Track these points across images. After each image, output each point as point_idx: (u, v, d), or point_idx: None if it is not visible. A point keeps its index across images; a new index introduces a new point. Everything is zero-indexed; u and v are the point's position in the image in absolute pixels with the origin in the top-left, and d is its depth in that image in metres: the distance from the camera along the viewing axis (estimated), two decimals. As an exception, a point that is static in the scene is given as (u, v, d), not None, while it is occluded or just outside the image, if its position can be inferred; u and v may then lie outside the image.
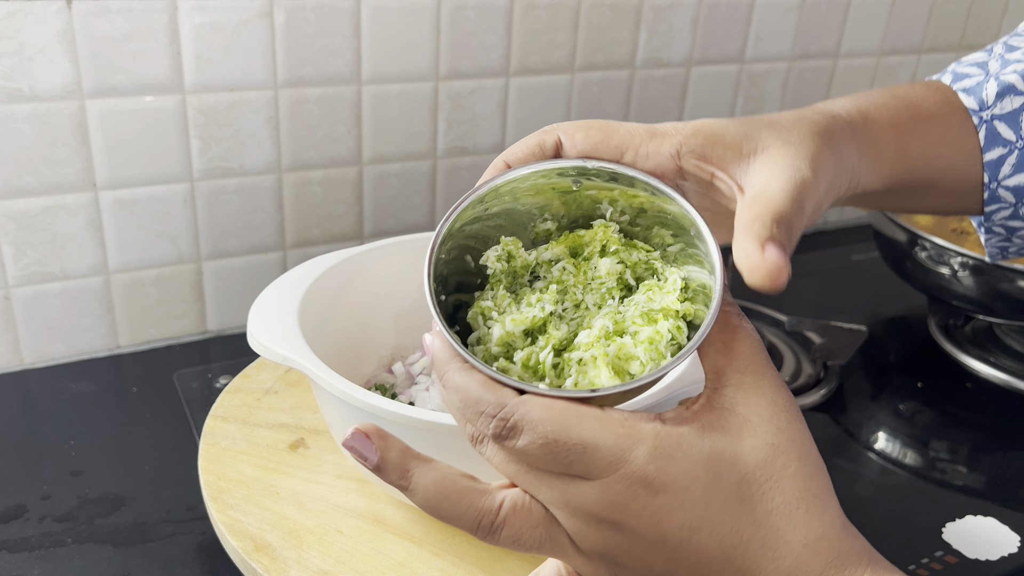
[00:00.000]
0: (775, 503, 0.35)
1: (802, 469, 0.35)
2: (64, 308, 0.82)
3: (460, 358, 0.37)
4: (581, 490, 0.35)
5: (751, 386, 0.36)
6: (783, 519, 0.35)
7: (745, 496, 0.35)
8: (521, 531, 0.36)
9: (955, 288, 0.87)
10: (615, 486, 0.34)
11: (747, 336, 0.37)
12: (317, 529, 0.58)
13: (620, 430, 0.34)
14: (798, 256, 1.19)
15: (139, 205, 0.81)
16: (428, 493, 0.37)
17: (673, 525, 0.34)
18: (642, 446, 0.34)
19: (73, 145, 0.77)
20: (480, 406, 0.36)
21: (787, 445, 0.35)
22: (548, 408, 0.34)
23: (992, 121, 0.47)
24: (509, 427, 0.35)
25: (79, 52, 0.74)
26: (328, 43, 0.83)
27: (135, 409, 0.77)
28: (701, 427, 0.35)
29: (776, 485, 0.35)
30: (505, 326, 0.39)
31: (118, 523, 0.63)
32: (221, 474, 0.62)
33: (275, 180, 0.87)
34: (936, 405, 0.85)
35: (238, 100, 0.82)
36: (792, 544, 0.35)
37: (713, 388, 0.36)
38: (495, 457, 0.37)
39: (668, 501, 0.34)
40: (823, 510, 0.36)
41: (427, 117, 0.91)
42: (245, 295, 0.89)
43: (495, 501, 0.37)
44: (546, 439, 0.34)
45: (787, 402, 0.36)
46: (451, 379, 0.37)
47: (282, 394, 0.71)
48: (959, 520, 0.68)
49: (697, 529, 0.34)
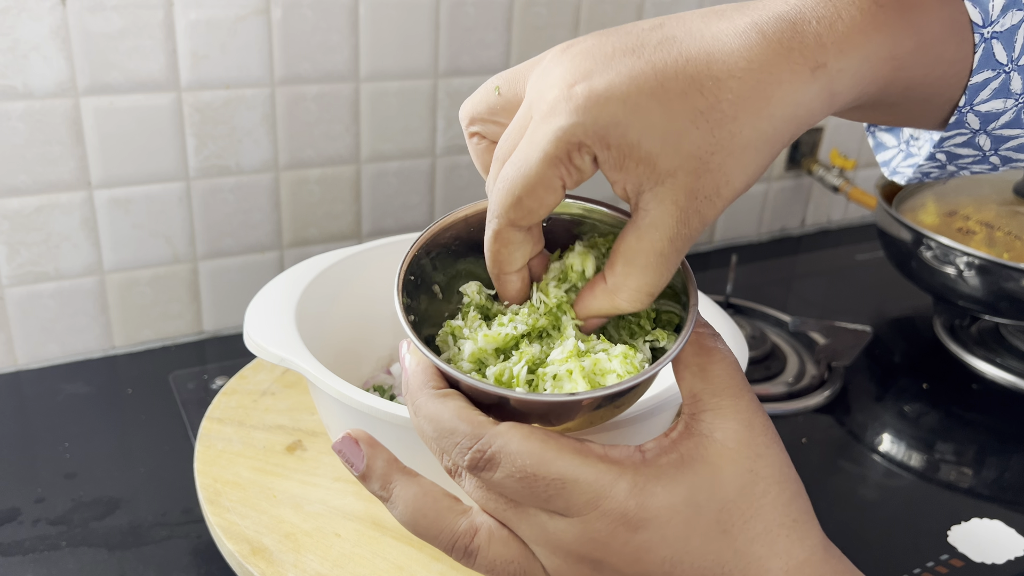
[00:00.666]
0: (756, 531, 0.35)
1: (782, 495, 0.35)
2: (58, 308, 0.82)
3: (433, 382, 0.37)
4: (560, 527, 0.35)
5: (729, 410, 0.36)
6: (764, 546, 0.35)
7: (726, 526, 0.34)
8: (496, 562, 0.36)
9: (961, 288, 0.87)
10: (595, 523, 0.34)
11: (723, 358, 0.37)
12: (314, 532, 0.58)
13: (600, 465, 0.34)
14: (802, 256, 1.19)
15: (134, 204, 0.81)
16: (407, 508, 0.37)
17: (655, 561, 0.34)
18: (622, 482, 0.34)
19: (67, 143, 0.76)
20: (455, 437, 0.35)
21: (766, 471, 0.35)
22: (526, 440, 0.34)
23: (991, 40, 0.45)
24: (486, 459, 0.34)
25: (73, 49, 0.74)
26: (325, 39, 0.83)
27: (130, 411, 0.77)
28: (680, 458, 0.35)
29: (757, 513, 0.35)
30: (477, 342, 0.39)
31: (113, 526, 0.63)
32: (217, 476, 0.62)
33: (272, 179, 0.86)
34: (941, 406, 0.85)
35: (234, 97, 0.82)
36: (774, 572, 0.35)
37: (691, 414, 0.36)
38: (473, 490, 0.36)
39: (649, 537, 0.34)
40: (804, 535, 0.36)
41: (426, 115, 0.91)
42: (241, 295, 0.89)
43: (473, 525, 0.36)
44: (524, 473, 0.34)
45: (764, 425, 0.36)
46: (424, 407, 0.36)
47: (279, 396, 0.71)
48: (965, 523, 0.68)
49: (678, 563, 0.34)
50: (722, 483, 0.35)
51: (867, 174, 1.26)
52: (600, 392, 0.35)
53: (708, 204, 0.34)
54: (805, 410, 0.81)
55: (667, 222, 0.34)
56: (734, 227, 1.19)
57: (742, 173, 0.34)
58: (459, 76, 0.91)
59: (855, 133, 1.22)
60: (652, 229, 0.35)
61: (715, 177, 0.34)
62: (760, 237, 1.22)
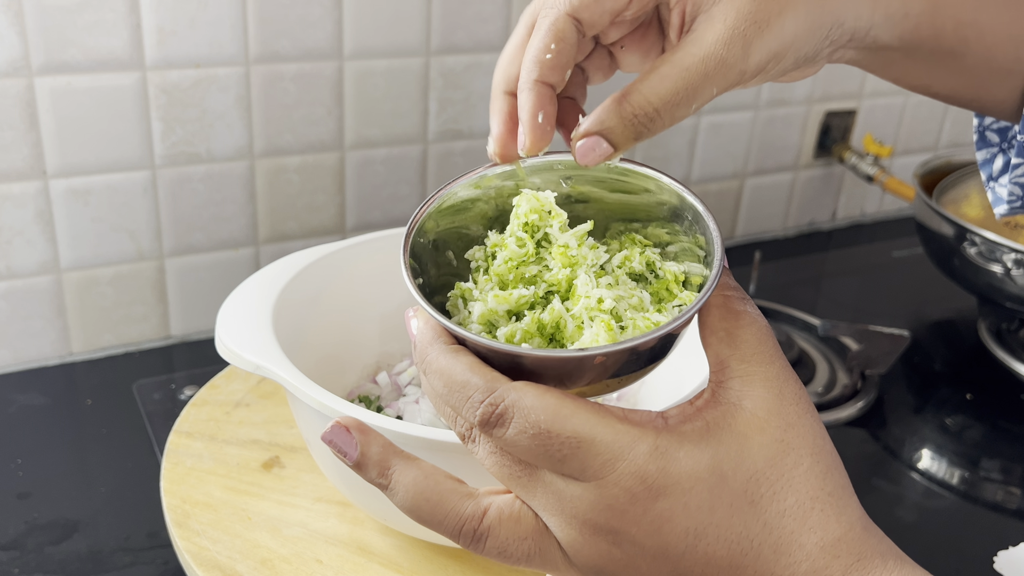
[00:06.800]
0: (787, 504, 0.35)
1: (815, 467, 0.36)
2: (10, 311, 0.82)
3: (443, 340, 0.37)
4: (576, 493, 0.35)
5: (758, 377, 0.36)
6: (797, 521, 0.35)
7: (754, 497, 0.35)
8: (508, 542, 0.36)
9: (1008, 288, 0.87)
10: (612, 488, 0.34)
11: (752, 322, 0.37)
12: (294, 558, 0.58)
13: (619, 425, 0.35)
14: (833, 252, 1.19)
15: (94, 195, 0.81)
16: (408, 494, 0.37)
17: (676, 532, 0.35)
18: (642, 444, 0.34)
19: (20, 128, 0.77)
20: (467, 390, 0.36)
21: (798, 441, 0.36)
22: (541, 396, 0.35)
23: None
24: (498, 414, 0.35)
25: (27, 23, 0.74)
26: (306, 13, 0.83)
27: (90, 424, 0.77)
28: (706, 425, 0.35)
29: (788, 484, 0.35)
30: (488, 303, 0.40)
31: (70, 551, 0.63)
32: (186, 497, 0.62)
33: (247, 167, 0.87)
34: (987, 419, 0.85)
35: (205, 77, 0.82)
36: (808, 548, 0.35)
37: (718, 381, 0.37)
38: (484, 452, 0.37)
39: (670, 505, 0.34)
40: (841, 510, 0.36)
41: (417, 96, 0.91)
42: (213, 296, 0.89)
43: (480, 507, 0.37)
44: (538, 429, 0.34)
45: (797, 394, 0.37)
46: (434, 362, 0.37)
47: (254, 407, 0.71)
48: (1012, 548, 0.68)
49: (702, 535, 0.35)
50: (750, 453, 0.35)
51: (904, 162, 1.26)
52: (617, 346, 0.36)
53: (755, 30, 0.39)
54: (836, 423, 0.82)
55: (707, 38, 0.39)
56: (757, 220, 1.19)
57: (792, 22, 0.39)
58: (453, 54, 0.91)
59: (891, 117, 1.22)
60: (689, 43, 0.39)
61: (769, 7, 0.39)
62: (786, 232, 1.22)
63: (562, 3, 0.41)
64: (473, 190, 0.43)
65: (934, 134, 1.28)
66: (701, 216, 0.40)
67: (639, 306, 0.40)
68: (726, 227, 1.17)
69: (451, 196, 0.42)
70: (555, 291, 0.40)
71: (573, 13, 0.41)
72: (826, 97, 1.16)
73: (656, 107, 0.39)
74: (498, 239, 0.42)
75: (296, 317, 0.63)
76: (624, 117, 0.39)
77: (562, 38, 0.40)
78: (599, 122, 0.39)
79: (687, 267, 0.41)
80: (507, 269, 0.41)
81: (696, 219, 0.41)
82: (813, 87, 1.14)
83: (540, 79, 0.41)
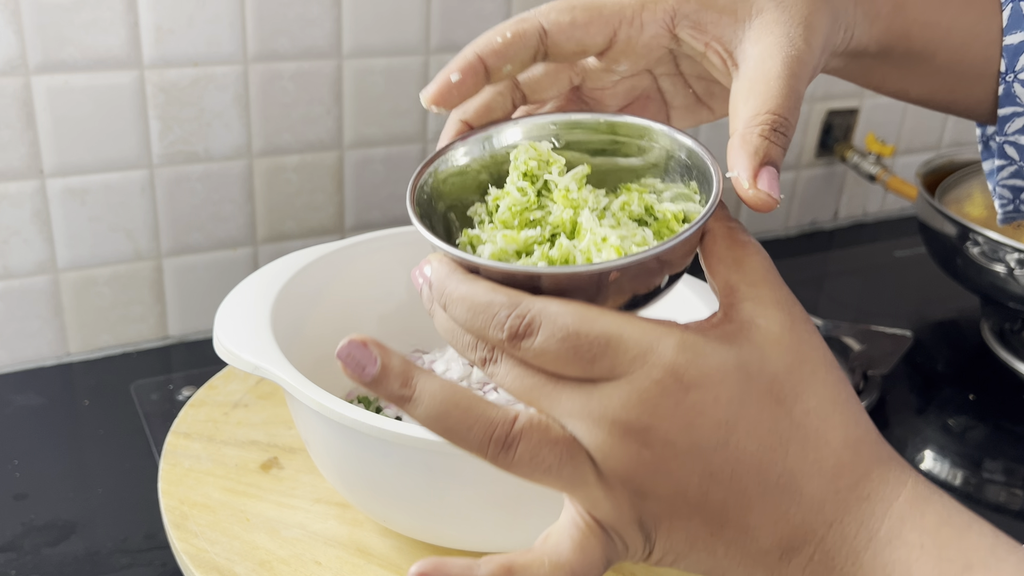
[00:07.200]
0: (810, 405, 0.37)
1: (829, 376, 0.37)
2: (7, 311, 0.82)
3: (461, 271, 0.38)
4: (605, 392, 0.35)
5: (768, 299, 0.38)
6: (821, 419, 0.37)
7: (780, 397, 0.36)
8: (539, 447, 0.36)
9: (1011, 288, 0.87)
10: (643, 381, 0.35)
11: (758, 251, 0.39)
12: (292, 560, 0.58)
13: (645, 324, 0.36)
14: (835, 252, 1.19)
15: (91, 194, 0.81)
16: (434, 401, 0.37)
17: (708, 425, 0.35)
18: (670, 338, 0.35)
19: (17, 127, 0.76)
20: (492, 308, 0.36)
21: (812, 354, 0.37)
22: (566, 303, 0.36)
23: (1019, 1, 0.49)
24: (526, 323, 0.35)
25: (24, 22, 0.74)
26: (304, 11, 0.83)
27: (87, 424, 0.77)
28: (723, 335, 0.37)
29: (808, 388, 0.37)
30: (497, 243, 0.41)
31: (67, 553, 0.63)
32: (184, 498, 0.62)
33: (245, 166, 0.86)
34: (990, 419, 0.85)
35: (203, 76, 0.82)
36: (833, 444, 0.37)
37: (729, 304, 0.38)
38: (505, 370, 0.37)
39: (701, 397, 0.35)
40: (858, 415, 0.38)
41: (416, 95, 0.91)
42: (211, 296, 0.89)
43: (509, 414, 0.37)
44: (567, 331, 0.35)
45: (804, 316, 0.38)
46: (455, 290, 0.37)
47: (253, 408, 0.71)
48: (1016, 550, 0.68)
49: (734, 429, 0.35)
50: (770, 360, 0.36)
51: (906, 161, 1.26)
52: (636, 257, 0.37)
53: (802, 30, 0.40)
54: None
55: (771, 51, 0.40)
56: (758, 220, 1.19)
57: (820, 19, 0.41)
58: (453, 52, 0.91)
59: (893, 116, 1.22)
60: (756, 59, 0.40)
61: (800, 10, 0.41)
62: (788, 231, 1.22)
63: (540, 12, 0.42)
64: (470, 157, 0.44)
65: (936, 133, 1.28)
66: (695, 152, 0.42)
67: (643, 243, 0.41)
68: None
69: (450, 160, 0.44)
70: (560, 232, 0.41)
71: (544, 24, 0.42)
72: (828, 96, 1.16)
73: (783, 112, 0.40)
74: (499, 192, 0.43)
75: (295, 317, 0.63)
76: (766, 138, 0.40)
77: (520, 36, 0.42)
78: (754, 154, 0.40)
79: (684, 207, 0.43)
80: (511, 215, 0.42)
81: (692, 159, 0.42)
82: (814, 86, 1.14)
83: (477, 51, 0.42)
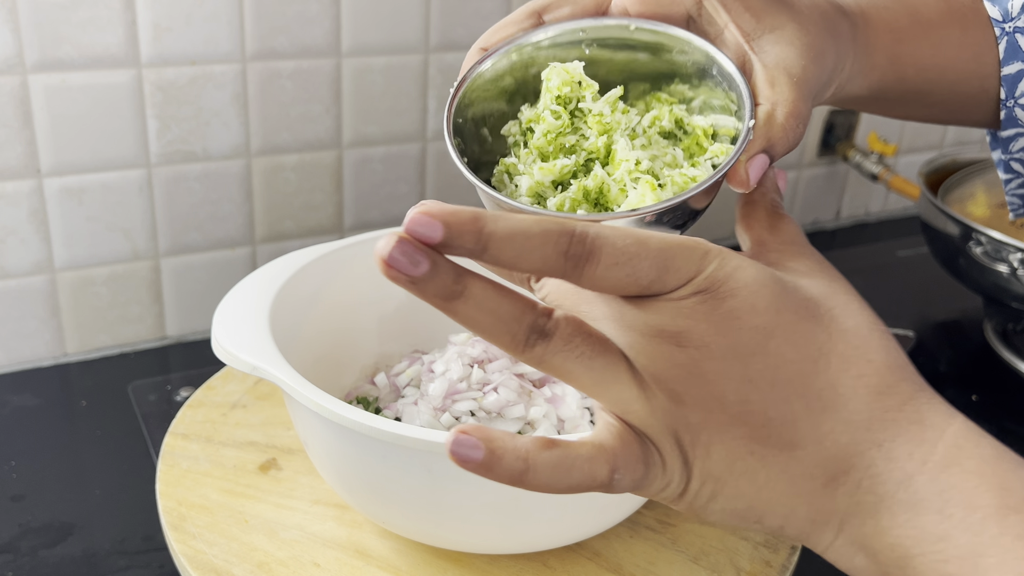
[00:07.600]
0: (847, 325, 0.37)
1: (864, 307, 0.38)
2: (3, 311, 0.82)
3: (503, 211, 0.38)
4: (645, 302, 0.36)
5: (798, 252, 0.39)
6: (861, 339, 0.36)
7: (815, 313, 0.36)
8: (575, 335, 0.36)
9: (1014, 288, 0.87)
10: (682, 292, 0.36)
11: (791, 222, 0.41)
12: (291, 562, 0.58)
13: (687, 241, 0.36)
14: (837, 252, 1.19)
15: (89, 194, 0.81)
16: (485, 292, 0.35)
17: (745, 329, 0.35)
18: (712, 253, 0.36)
19: (14, 126, 0.76)
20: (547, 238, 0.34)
21: (844, 288, 0.38)
22: (617, 228, 0.35)
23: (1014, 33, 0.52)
24: (588, 249, 0.35)
25: (20, 20, 0.74)
26: (303, 10, 0.83)
27: (84, 425, 0.77)
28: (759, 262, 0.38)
29: (845, 311, 0.37)
30: (534, 175, 0.42)
31: (65, 555, 0.63)
32: (182, 499, 0.62)
33: (243, 166, 0.86)
34: (993, 421, 0.85)
35: (201, 75, 0.82)
36: (876, 363, 0.36)
37: (757, 253, 0.40)
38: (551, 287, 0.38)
39: (738, 304, 0.35)
40: (896, 347, 0.37)
41: (416, 94, 0.91)
42: (209, 296, 0.89)
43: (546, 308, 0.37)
44: (628, 254, 0.35)
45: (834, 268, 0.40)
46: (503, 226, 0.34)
47: (251, 408, 0.71)
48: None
49: (772, 334, 0.35)
50: (803, 287, 0.37)
51: (909, 160, 1.26)
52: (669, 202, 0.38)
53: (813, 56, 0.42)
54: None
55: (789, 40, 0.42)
56: (760, 220, 1.19)
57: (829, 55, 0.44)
58: (452, 51, 0.91)
59: (896, 114, 1.22)
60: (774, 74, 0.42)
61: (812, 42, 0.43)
62: (790, 231, 1.22)
63: None
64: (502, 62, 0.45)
65: (939, 132, 1.28)
66: (726, 71, 0.43)
67: (673, 163, 0.42)
68: (730, 226, 1.17)
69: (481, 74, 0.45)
70: (594, 158, 0.43)
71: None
72: (830, 95, 1.16)
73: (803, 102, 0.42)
74: (532, 114, 0.44)
75: (293, 317, 0.63)
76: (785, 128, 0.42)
77: None
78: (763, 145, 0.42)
79: (713, 120, 0.44)
80: (547, 142, 0.43)
81: (722, 75, 0.43)
82: (817, 84, 1.14)
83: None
